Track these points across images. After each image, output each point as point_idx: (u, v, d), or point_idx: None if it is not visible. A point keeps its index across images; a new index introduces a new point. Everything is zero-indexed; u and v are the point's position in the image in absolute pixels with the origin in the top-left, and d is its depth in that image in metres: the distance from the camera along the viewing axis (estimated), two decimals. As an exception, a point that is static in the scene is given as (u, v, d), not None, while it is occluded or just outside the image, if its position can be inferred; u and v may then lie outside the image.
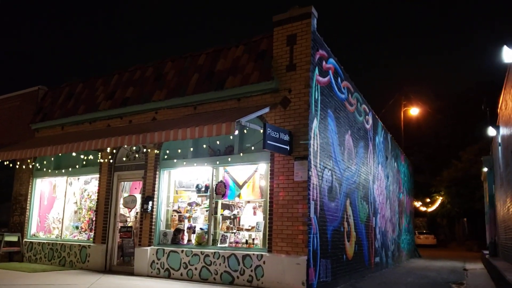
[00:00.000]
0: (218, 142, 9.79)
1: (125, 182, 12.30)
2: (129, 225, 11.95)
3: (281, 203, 8.99)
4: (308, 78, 9.12)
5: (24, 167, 13.76)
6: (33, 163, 13.75)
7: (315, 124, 9.25)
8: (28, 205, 13.75)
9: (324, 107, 9.82)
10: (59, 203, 13.61)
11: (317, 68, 9.50)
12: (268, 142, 8.47)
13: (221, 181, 10.22)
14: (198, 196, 10.84)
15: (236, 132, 8.36)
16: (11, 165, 13.51)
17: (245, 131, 9.10)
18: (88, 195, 13.06)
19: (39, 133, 13.99)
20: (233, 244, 9.72)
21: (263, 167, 9.79)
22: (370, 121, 14.26)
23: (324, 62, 9.96)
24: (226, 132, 8.27)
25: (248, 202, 10.18)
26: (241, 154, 9.79)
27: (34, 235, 13.57)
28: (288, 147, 8.92)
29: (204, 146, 10.04)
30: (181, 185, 11.25)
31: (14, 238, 13.36)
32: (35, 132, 14.06)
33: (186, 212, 10.92)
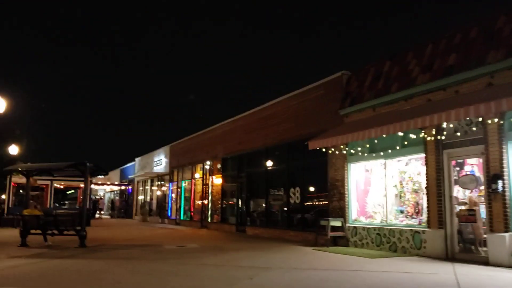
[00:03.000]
0: None
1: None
2: (469, 207, 10.57)
3: None
4: None
5: (337, 152, 13.98)
6: (346, 149, 13.81)
7: None
8: (345, 190, 13.91)
9: None
10: (376, 187, 13.30)
11: None
12: None
13: None
14: None
15: None
16: (329, 151, 13.89)
17: None
18: (409, 177, 12.28)
19: (348, 118, 13.97)
20: None
21: None
22: None
23: None
24: None
25: None
26: None
27: (356, 220, 13.64)
28: None
29: None
30: (539, 159, 9.24)
31: (337, 223, 13.70)
32: (344, 117, 14.11)
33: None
